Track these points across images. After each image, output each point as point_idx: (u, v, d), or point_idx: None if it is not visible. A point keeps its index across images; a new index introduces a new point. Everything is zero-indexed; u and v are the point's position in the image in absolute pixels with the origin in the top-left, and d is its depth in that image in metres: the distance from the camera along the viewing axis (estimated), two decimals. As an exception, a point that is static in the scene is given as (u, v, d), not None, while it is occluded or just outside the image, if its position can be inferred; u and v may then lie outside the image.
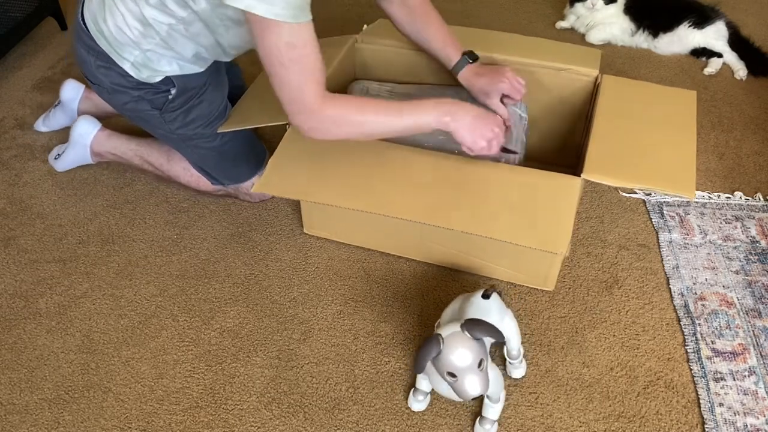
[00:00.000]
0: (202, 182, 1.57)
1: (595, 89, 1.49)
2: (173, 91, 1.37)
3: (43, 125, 1.82)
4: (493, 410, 1.15)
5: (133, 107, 1.39)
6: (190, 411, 1.21)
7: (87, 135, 1.64)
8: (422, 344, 1.00)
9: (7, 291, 1.42)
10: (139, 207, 1.61)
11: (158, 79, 1.34)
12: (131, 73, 1.32)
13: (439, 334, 1.00)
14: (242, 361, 1.29)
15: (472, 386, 0.99)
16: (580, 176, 1.24)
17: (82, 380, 1.26)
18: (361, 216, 1.27)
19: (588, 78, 1.50)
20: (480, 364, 0.99)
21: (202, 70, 1.39)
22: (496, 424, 1.16)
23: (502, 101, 1.40)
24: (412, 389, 1.19)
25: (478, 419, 1.16)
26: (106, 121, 1.71)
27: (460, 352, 0.98)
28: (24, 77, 2.05)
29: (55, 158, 1.71)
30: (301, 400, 1.22)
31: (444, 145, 1.36)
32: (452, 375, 0.99)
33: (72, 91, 1.77)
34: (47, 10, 2.16)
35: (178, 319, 1.36)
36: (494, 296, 1.14)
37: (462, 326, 1.01)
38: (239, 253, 1.49)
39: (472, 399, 1.02)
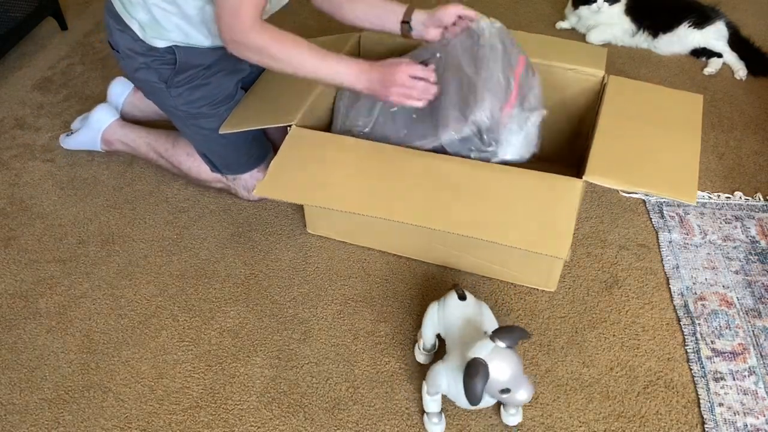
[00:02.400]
0: (203, 170, 1.58)
1: (601, 89, 1.49)
2: (176, 65, 1.40)
3: (80, 124, 1.82)
4: None
5: (142, 77, 1.44)
6: (190, 411, 1.21)
7: (103, 121, 1.70)
8: (469, 375, 0.98)
9: (7, 291, 1.43)
10: (139, 207, 1.61)
11: (164, 44, 1.38)
12: (139, 34, 1.37)
13: (478, 358, 0.99)
14: (242, 361, 1.29)
15: (524, 394, 0.99)
16: (581, 177, 1.24)
17: (82, 380, 1.26)
18: (364, 217, 1.27)
19: (594, 78, 1.49)
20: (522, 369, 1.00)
21: (208, 43, 1.40)
22: (520, 407, 1.17)
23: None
24: (425, 414, 1.17)
25: (501, 407, 1.17)
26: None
27: (506, 366, 0.99)
28: (24, 77, 2.05)
29: (67, 136, 1.77)
30: (301, 400, 1.22)
31: (406, 141, 1.37)
32: (506, 391, 0.99)
33: (120, 87, 1.81)
34: (47, 10, 2.16)
35: (178, 319, 1.36)
36: (468, 294, 1.15)
37: (493, 339, 1.01)
38: (239, 253, 1.49)
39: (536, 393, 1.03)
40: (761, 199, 1.60)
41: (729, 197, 1.61)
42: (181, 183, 1.67)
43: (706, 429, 1.17)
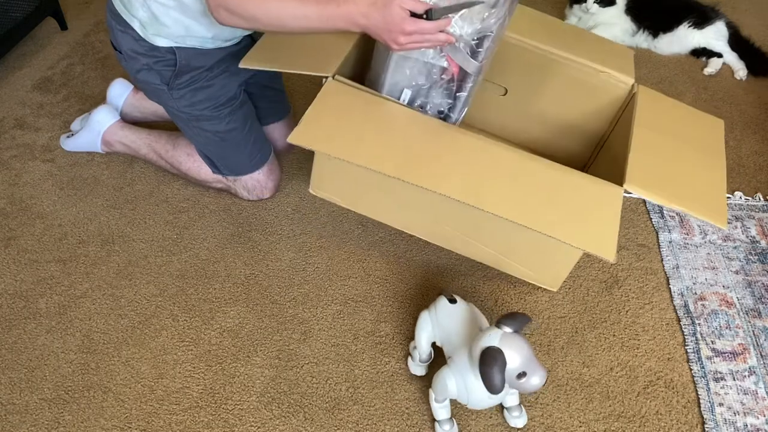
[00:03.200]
0: (203, 170, 1.58)
1: (629, 98, 1.47)
2: (176, 67, 1.40)
3: (79, 125, 1.82)
4: (513, 396, 1.16)
5: (144, 78, 1.44)
6: (190, 411, 1.21)
7: (103, 123, 1.70)
8: (486, 365, 0.98)
9: (7, 291, 1.43)
10: (139, 207, 1.61)
11: (165, 43, 1.37)
12: (140, 33, 1.36)
13: (493, 346, 0.99)
14: (242, 361, 1.29)
15: (538, 379, 0.99)
16: (622, 186, 1.23)
17: (82, 380, 1.26)
18: (375, 183, 1.22)
19: (624, 85, 1.48)
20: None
21: (209, 35, 1.39)
22: (522, 407, 1.17)
23: None
24: (436, 423, 1.17)
25: (505, 411, 1.17)
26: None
27: (518, 350, 0.99)
28: (24, 77, 2.05)
29: (67, 137, 1.77)
30: (301, 400, 1.22)
31: (382, 76, 1.29)
32: (522, 375, 0.99)
33: (119, 88, 1.81)
34: (47, 10, 2.16)
35: (178, 319, 1.36)
36: (457, 297, 1.16)
37: (500, 326, 1.01)
38: (239, 253, 1.49)
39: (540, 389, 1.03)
40: (761, 199, 1.60)
41: (729, 197, 1.61)
42: (181, 183, 1.67)
43: (706, 429, 1.17)
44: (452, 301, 1.15)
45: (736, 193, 1.62)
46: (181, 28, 1.36)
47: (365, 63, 1.44)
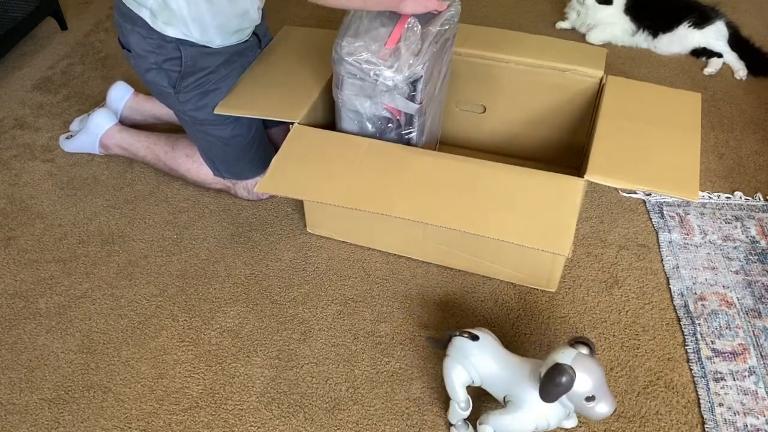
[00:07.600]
0: (203, 171, 1.58)
1: (600, 90, 1.49)
2: (182, 67, 1.39)
3: (78, 126, 1.82)
4: (573, 420, 1.14)
5: (152, 79, 1.43)
6: (190, 411, 1.21)
7: (101, 126, 1.71)
8: (551, 377, 0.96)
9: (7, 291, 1.43)
10: (139, 207, 1.61)
11: (173, 32, 1.35)
12: (150, 22, 1.34)
13: (563, 364, 0.96)
14: (242, 361, 1.29)
15: (607, 406, 0.97)
16: (583, 177, 1.24)
17: (82, 380, 1.26)
18: (364, 215, 1.27)
19: (593, 79, 1.49)
20: None
21: (215, 24, 1.37)
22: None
23: None
24: None
25: None
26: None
27: (591, 374, 0.97)
28: (24, 77, 2.05)
29: (66, 138, 1.77)
30: (301, 400, 1.22)
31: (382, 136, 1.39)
32: (590, 399, 0.97)
33: (120, 91, 1.80)
34: (47, 10, 2.16)
35: (178, 319, 1.36)
36: (479, 333, 1.10)
37: (574, 346, 1.00)
38: (239, 253, 1.49)
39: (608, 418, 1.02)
40: (761, 199, 1.60)
41: (729, 197, 1.61)
42: (181, 183, 1.67)
43: (706, 429, 1.17)
44: (475, 338, 1.09)
45: (736, 193, 1.62)
46: (189, 14, 1.34)
47: (327, 108, 1.52)
